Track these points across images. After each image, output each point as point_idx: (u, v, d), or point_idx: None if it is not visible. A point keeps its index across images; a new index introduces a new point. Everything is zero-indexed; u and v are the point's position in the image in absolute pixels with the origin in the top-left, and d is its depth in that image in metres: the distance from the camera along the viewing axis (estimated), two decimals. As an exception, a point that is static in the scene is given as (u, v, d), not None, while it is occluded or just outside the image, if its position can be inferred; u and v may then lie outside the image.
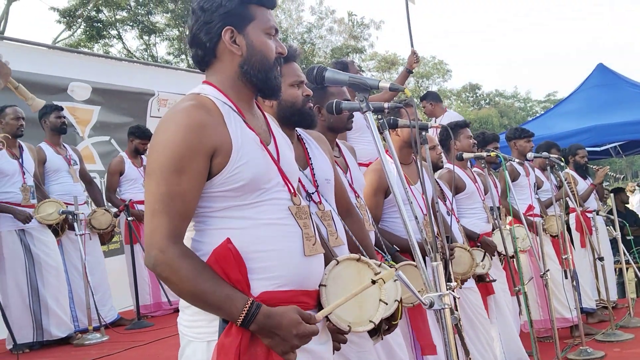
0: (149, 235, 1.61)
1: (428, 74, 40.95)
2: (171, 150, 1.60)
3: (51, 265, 5.24)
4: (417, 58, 5.66)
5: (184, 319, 1.74)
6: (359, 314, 1.83)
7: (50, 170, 5.60)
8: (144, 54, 25.33)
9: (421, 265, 1.70)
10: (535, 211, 5.74)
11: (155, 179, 1.62)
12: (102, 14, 23.92)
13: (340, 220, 2.38)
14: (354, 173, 2.93)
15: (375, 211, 3.34)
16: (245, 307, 1.58)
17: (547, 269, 4.42)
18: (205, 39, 1.76)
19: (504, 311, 4.59)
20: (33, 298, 5.12)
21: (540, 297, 5.48)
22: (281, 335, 1.60)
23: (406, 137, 3.54)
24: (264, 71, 1.78)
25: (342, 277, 1.87)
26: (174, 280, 1.59)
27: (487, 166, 4.35)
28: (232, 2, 1.74)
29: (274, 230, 1.70)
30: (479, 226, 4.60)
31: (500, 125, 37.94)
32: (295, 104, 2.32)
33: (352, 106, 2.28)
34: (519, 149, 5.93)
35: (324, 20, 30.00)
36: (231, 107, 1.74)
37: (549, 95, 47.73)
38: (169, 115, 1.67)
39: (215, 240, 1.65)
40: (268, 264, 1.67)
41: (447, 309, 1.68)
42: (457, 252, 3.59)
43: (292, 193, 1.79)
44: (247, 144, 1.70)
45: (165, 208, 1.60)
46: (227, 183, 1.66)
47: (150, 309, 6.22)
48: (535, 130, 6.57)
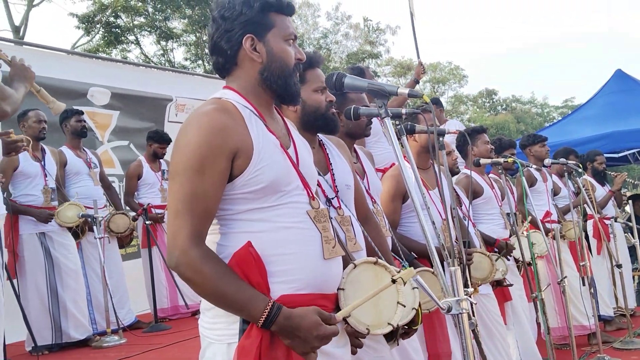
0: (172, 235, 1.64)
1: (444, 80, 40.84)
2: (194, 151, 1.63)
3: (71, 268, 5.30)
4: (424, 69, 5.92)
5: (205, 321, 1.77)
6: (377, 317, 1.84)
7: (70, 173, 5.68)
8: (161, 60, 25.53)
9: (439, 270, 1.71)
10: (552, 217, 5.71)
11: (179, 180, 1.65)
12: (120, 20, 24.14)
13: (359, 225, 2.39)
14: (371, 179, 2.95)
15: (393, 217, 3.35)
16: (266, 309, 1.60)
17: (564, 275, 4.40)
18: (226, 47, 1.79)
19: (521, 318, 4.57)
20: (52, 300, 5.19)
21: (557, 304, 5.44)
22: (301, 336, 1.62)
23: (424, 142, 3.55)
24: (284, 77, 1.81)
25: (360, 280, 1.88)
26: (196, 280, 1.62)
27: (504, 172, 4.34)
28: (253, 10, 1.77)
29: (293, 234, 1.73)
30: (496, 232, 4.59)
31: (517, 131, 37.67)
32: (319, 109, 2.35)
33: (370, 112, 2.30)
34: (535, 154, 5.90)
35: (340, 25, 30.07)
36: (252, 111, 1.77)
37: (566, 101, 47.31)
38: (191, 117, 1.71)
39: (237, 244, 1.68)
40: (287, 267, 1.70)
41: (464, 313, 1.68)
42: (476, 257, 3.59)
43: (311, 197, 1.81)
44: (267, 147, 1.73)
45: (188, 208, 1.63)
46: (248, 185, 1.69)
47: (167, 312, 6.26)
48: (553, 137, 6.56)
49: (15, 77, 2.75)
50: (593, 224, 6.60)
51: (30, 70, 2.82)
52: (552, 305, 5.47)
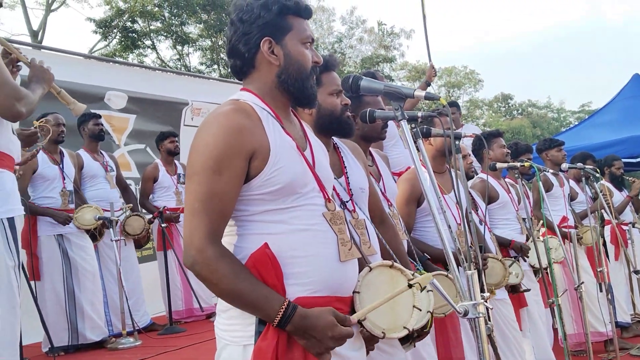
0: (188, 234, 1.65)
1: (459, 84, 40.71)
2: (211, 151, 1.64)
3: (88, 270, 5.34)
4: (435, 72, 6.00)
5: (221, 322, 1.78)
6: (393, 320, 1.84)
7: (87, 176, 5.73)
8: (177, 64, 25.69)
9: (456, 274, 1.70)
10: (569, 222, 5.66)
11: (196, 179, 1.66)
12: (137, 25, 24.35)
13: (374, 229, 2.39)
14: (387, 182, 2.94)
15: (407, 220, 3.34)
16: (281, 308, 1.61)
17: (581, 281, 4.35)
18: (244, 50, 1.80)
19: (537, 324, 4.53)
20: (69, 302, 5.23)
21: (574, 310, 5.39)
22: (317, 336, 1.63)
23: (439, 146, 3.53)
24: (301, 80, 1.82)
25: (375, 283, 1.88)
26: (212, 279, 1.63)
27: (520, 176, 4.31)
28: (270, 14, 1.78)
29: (309, 236, 1.73)
30: (513, 237, 4.56)
31: (533, 136, 37.42)
32: (334, 112, 2.35)
33: (386, 115, 2.30)
34: (551, 159, 5.86)
35: (355, 30, 30.08)
36: (269, 113, 1.78)
37: (583, 105, 46.88)
38: (209, 118, 1.72)
39: (254, 245, 1.68)
40: (303, 269, 1.70)
41: (481, 317, 1.68)
42: (489, 262, 3.57)
43: (327, 199, 1.81)
44: (284, 149, 1.73)
45: (205, 207, 1.64)
46: (265, 186, 1.69)
47: (182, 314, 6.29)
48: (570, 141, 6.52)
49: (33, 79, 2.79)
50: (611, 230, 6.55)
51: (49, 72, 2.85)
52: (569, 311, 5.42)
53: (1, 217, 2.55)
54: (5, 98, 2.50)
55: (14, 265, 2.56)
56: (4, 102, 2.50)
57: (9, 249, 2.54)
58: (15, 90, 2.53)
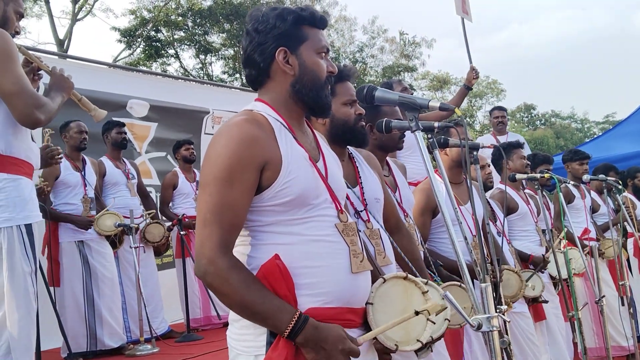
0: (200, 244, 1.65)
1: (481, 94, 40.46)
2: (224, 161, 1.65)
3: (107, 276, 5.38)
4: (477, 74, 5.50)
5: (233, 331, 1.78)
6: (406, 333, 1.83)
7: (109, 184, 5.79)
8: (199, 73, 25.94)
9: (470, 287, 1.68)
10: (591, 235, 5.58)
11: (208, 190, 1.66)
12: (160, 34, 24.67)
13: (388, 239, 2.38)
14: (403, 192, 2.92)
15: (422, 231, 3.31)
16: (292, 319, 1.60)
17: (602, 294, 4.28)
18: (259, 60, 1.80)
19: (557, 337, 4.46)
20: (88, 308, 5.27)
21: (595, 323, 5.31)
22: (327, 349, 1.62)
23: (456, 156, 3.50)
24: (315, 90, 1.82)
25: (389, 295, 1.87)
26: (223, 290, 1.63)
27: (540, 188, 4.26)
28: (286, 24, 1.79)
29: (321, 247, 1.72)
30: (532, 249, 4.50)
31: (556, 147, 37.05)
32: (347, 122, 2.35)
33: (402, 125, 2.28)
34: (572, 171, 5.79)
35: (376, 39, 30.08)
36: (282, 124, 1.78)
37: (607, 116, 46.39)
38: (222, 129, 1.73)
39: (264, 256, 1.68)
40: (315, 280, 1.69)
41: (495, 331, 1.65)
42: (505, 274, 3.52)
43: (339, 210, 1.81)
44: (296, 160, 1.73)
45: (217, 218, 1.64)
46: (277, 197, 1.69)
47: (200, 322, 6.31)
48: (593, 152, 6.42)
49: (53, 87, 2.83)
50: (633, 242, 6.44)
51: (69, 80, 2.89)
52: (590, 325, 5.33)
53: (18, 223, 2.58)
54: (25, 106, 2.54)
55: (30, 272, 2.60)
56: (24, 109, 2.54)
57: (26, 255, 2.58)
58: (35, 98, 2.58)
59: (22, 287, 2.54)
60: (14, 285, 2.52)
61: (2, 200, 2.55)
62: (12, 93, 2.52)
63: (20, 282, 2.54)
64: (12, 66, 2.53)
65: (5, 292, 2.51)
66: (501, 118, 7.09)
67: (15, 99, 2.53)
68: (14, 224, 2.56)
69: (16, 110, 2.55)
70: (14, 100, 2.53)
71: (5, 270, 2.52)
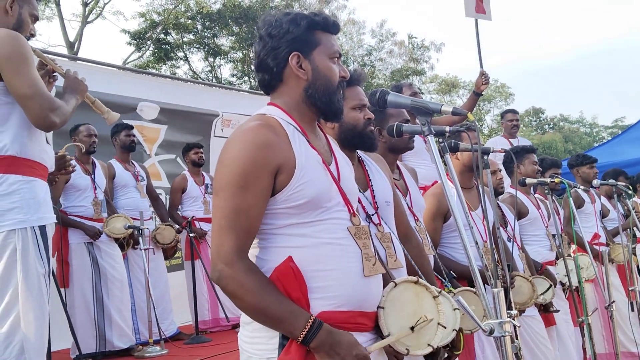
0: (216, 249, 1.66)
1: (490, 97, 40.35)
2: (238, 166, 1.66)
3: (116, 277, 5.40)
4: (487, 79, 5.35)
5: (245, 334, 1.78)
6: (417, 337, 1.83)
7: (118, 186, 5.82)
8: (208, 75, 26.01)
9: (482, 291, 1.69)
10: (601, 240, 5.56)
11: (223, 195, 1.68)
12: (170, 37, 24.75)
13: (399, 243, 2.38)
14: (414, 196, 2.92)
15: (433, 236, 3.31)
16: (307, 324, 1.61)
17: (612, 300, 4.26)
18: (272, 64, 1.82)
19: (567, 342, 4.44)
20: (98, 309, 5.29)
21: (605, 329, 5.28)
22: (341, 354, 1.62)
23: (467, 161, 3.50)
24: (328, 94, 1.83)
25: (400, 299, 1.87)
26: (238, 294, 1.64)
27: (550, 192, 4.24)
28: (299, 29, 1.80)
29: (333, 250, 1.73)
30: (542, 254, 4.49)
31: (565, 151, 36.91)
32: (356, 126, 2.35)
33: (413, 129, 2.29)
34: (582, 176, 5.77)
35: (385, 42, 30.06)
36: (295, 127, 1.79)
37: (616, 120, 46.16)
38: (236, 133, 1.74)
39: (278, 258, 1.69)
40: (327, 283, 1.70)
41: (507, 336, 1.65)
42: (517, 281, 3.51)
43: (352, 213, 1.81)
44: (310, 163, 1.74)
45: (232, 223, 1.65)
46: (290, 200, 1.70)
47: (208, 324, 6.32)
48: (602, 157, 6.41)
49: (67, 90, 2.86)
50: (643, 248, 6.40)
51: (83, 83, 2.91)
52: (600, 330, 5.31)
53: (32, 225, 2.60)
54: (40, 109, 2.56)
55: (44, 273, 2.61)
56: (39, 112, 2.57)
57: (39, 256, 2.60)
58: (49, 101, 2.60)
59: (36, 288, 2.56)
60: (28, 286, 2.54)
61: (16, 201, 2.57)
62: (28, 96, 2.55)
63: (34, 283, 2.56)
64: (28, 69, 2.56)
65: (19, 292, 2.53)
66: (515, 121, 7.05)
67: (30, 102, 2.55)
68: (28, 225, 2.58)
69: (31, 113, 2.57)
70: (29, 104, 2.55)
71: (20, 272, 2.54)
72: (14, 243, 2.55)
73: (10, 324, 2.50)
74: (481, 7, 5.72)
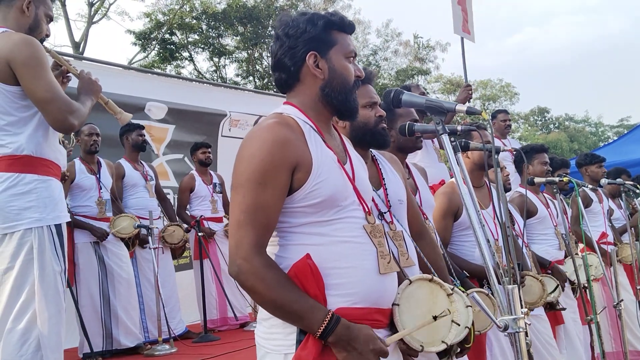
0: (235, 245, 1.69)
1: (494, 97, 40.31)
2: (256, 164, 1.69)
3: (123, 276, 5.43)
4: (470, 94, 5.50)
5: (262, 330, 1.81)
6: (431, 334, 1.85)
7: (128, 185, 5.85)
8: (213, 75, 26.06)
9: (497, 288, 1.70)
10: (608, 239, 5.56)
11: (242, 192, 1.70)
12: (175, 37, 24.81)
13: (412, 241, 2.40)
14: (424, 195, 2.94)
15: (443, 234, 3.33)
16: (325, 319, 1.63)
17: (621, 299, 4.27)
18: (289, 64, 1.84)
19: (575, 341, 4.45)
20: (104, 308, 5.32)
21: (612, 328, 5.28)
22: (358, 349, 1.64)
23: (476, 159, 3.52)
24: (344, 93, 1.85)
25: (415, 297, 1.89)
26: (257, 289, 1.66)
27: (559, 192, 4.25)
28: (316, 29, 1.82)
29: (349, 248, 1.75)
30: (551, 253, 4.49)
31: (570, 150, 36.85)
32: (367, 124, 2.36)
33: (425, 128, 2.31)
34: (590, 175, 5.77)
35: (390, 42, 30.06)
36: (311, 127, 1.82)
37: (622, 120, 46.04)
38: (254, 132, 1.76)
39: (295, 256, 1.71)
40: (344, 280, 1.72)
41: (521, 332, 1.67)
42: (527, 280, 3.52)
43: (367, 212, 1.84)
44: (326, 162, 1.76)
45: (250, 219, 1.68)
46: (307, 199, 1.72)
47: (216, 323, 6.35)
48: (608, 157, 6.41)
49: (82, 91, 2.89)
50: (650, 247, 6.39)
51: (97, 84, 2.95)
52: (607, 329, 5.31)
53: (49, 223, 2.63)
54: (59, 112, 2.60)
55: (60, 271, 2.65)
56: (58, 115, 2.60)
57: (56, 254, 2.63)
58: (67, 104, 2.63)
59: (52, 285, 2.59)
60: (44, 284, 2.57)
61: (33, 200, 2.60)
62: (46, 100, 2.58)
63: (50, 281, 2.59)
64: (44, 73, 2.59)
65: (35, 290, 2.56)
66: (508, 121, 7.13)
67: (49, 105, 2.59)
68: (44, 224, 2.61)
69: (50, 116, 2.61)
70: (48, 107, 2.59)
71: (36, 270, 2.57)
72: (31, 242, 2.58)
73: (26, 321, 2.54)
74: (466, 28, 6.02)
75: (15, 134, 2.62)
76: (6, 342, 2.51)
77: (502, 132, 7.04)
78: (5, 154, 2.62)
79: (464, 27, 5.98)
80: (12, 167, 2.61)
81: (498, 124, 7.05)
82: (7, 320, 2.53)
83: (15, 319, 2.53)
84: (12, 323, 2.53)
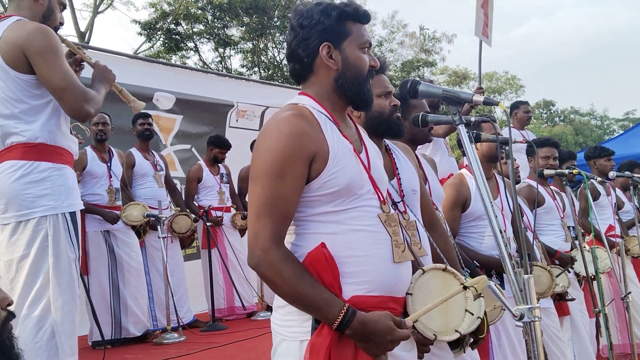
0: (253, 236, 1.70)
1: (500, 89, 40.16)
2: (274, 155, 1.70)
3: (132, 265, 5.47)
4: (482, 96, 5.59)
5: (278, 318, 1.82)
6: (445, 324, 1.86)
7: (137, 175, 5.88)
8: (218, 66, 26.02)
9: (512, 277, 1.71)
10: (616, 232, 5.56)
11: (260, 183, 1.71)
12: (180, 27, 24.75)
13: (425, 231, 2.41)
14: (433, 185, 2.94)
15: (452, 225, 3.33)
16: (341, 313, 1.65)
17: (628, 291, 4.28)
18: (303, 55, 1.84)
19: (582, 333, 4.46)
20: (114, 296, 5.37)
21: (619, 320, 5.30)
22: (376, 340, 1.66)
23: (486, 151, 3.52)
24: (358, 84, 1.86)
25: (428, 286, 1.90)
26: (276, 281, 1.68)
27: (567, 184, 4.25)
28: (330, 19, 1.82)
29: (364, 237, 1.76)
30: (557, 244, 4.49)
31: (575, 144, 36.73)
32: (382, 113, 2.36)
33: (439, 119, 2.32)
34: (599, 168, 5.77)
35: (395, 34, 29.95)
36: (327, 117, 1.82)
37: (627, 113, 45.86)
38: (271, 123, 1.77)
39: (311, 244, 1.73)
40: (359, 269, 1.74)
41: (537, 321, 1.68)
42: (536, 271, 3.53)
43: (382, 201, 1.84)
44: (342, 152, 1.77)
45: (269, 211, 1.69)
46: (324, 188, 1.74)
47: (224, 312, 6.39)
48: (615, 149, 6.38)
49: (97, 79, 2.90)
50: (658, 240, 6.38)
51: (112, 72, 2.97)
52: (614, 321, 5.32)
53: (63, 211, 2.66)
54: (75, 100, 2.62)
55: (74, 258, 2.67)
56: (74, 104, 2.62)
57: (70, 242, 2.65)
58: (83, 92, 2.65)
59: (66, 273, 2.62)
60: (59, 271, 2.60)
61: (47, 188, 2.62)
62: (62, 88, 2.60)
63: (65, 268, 2.61)
64: (59, 62, 2.61)
65: (50, 278, 2.59)
66: (530, 113, 7.07)
67: (65, 94, 2.60)
68: (59, 211, 2.64)
69: (67, 104, 2.63)
70: (64, 95, 2.61)
71: (51, 257, 2.59)
72: (46, 229, 2.60)
73: (41, 308, 2.57)
74: (486, 32, 6.10)
75: (29, 122, 2.64)
76: (22, 329, 2.54)
77: (524, 123, 6.99)
78: (20, 141, 2.64)
79: (484, 31, 6.05)
80: (27, 154, 2.63)
81: (520, 114, 6.97)
82: (23, 307, 2.56)
83: (31, 306, 2.56)
84: (27, 310, 2.55)
